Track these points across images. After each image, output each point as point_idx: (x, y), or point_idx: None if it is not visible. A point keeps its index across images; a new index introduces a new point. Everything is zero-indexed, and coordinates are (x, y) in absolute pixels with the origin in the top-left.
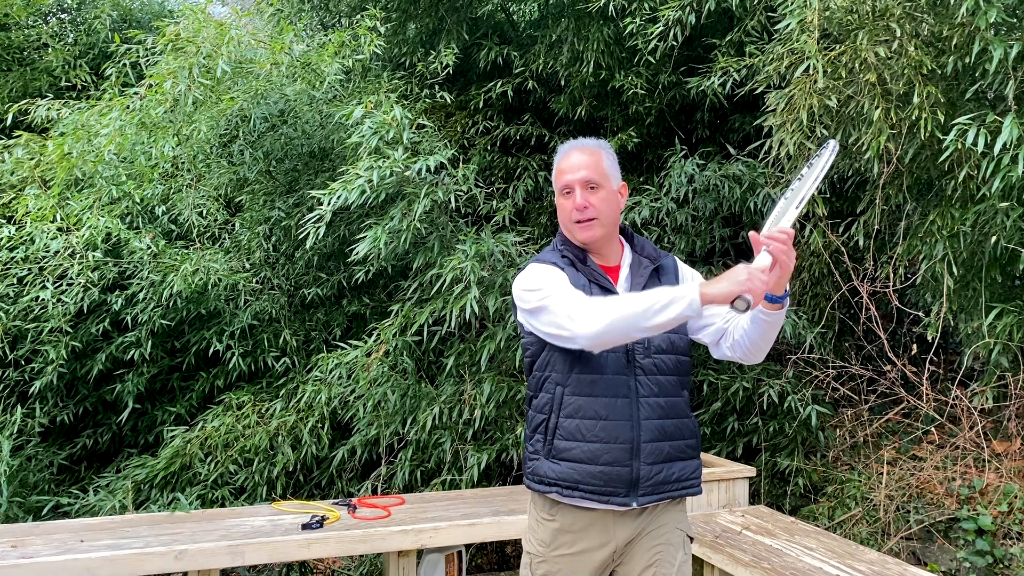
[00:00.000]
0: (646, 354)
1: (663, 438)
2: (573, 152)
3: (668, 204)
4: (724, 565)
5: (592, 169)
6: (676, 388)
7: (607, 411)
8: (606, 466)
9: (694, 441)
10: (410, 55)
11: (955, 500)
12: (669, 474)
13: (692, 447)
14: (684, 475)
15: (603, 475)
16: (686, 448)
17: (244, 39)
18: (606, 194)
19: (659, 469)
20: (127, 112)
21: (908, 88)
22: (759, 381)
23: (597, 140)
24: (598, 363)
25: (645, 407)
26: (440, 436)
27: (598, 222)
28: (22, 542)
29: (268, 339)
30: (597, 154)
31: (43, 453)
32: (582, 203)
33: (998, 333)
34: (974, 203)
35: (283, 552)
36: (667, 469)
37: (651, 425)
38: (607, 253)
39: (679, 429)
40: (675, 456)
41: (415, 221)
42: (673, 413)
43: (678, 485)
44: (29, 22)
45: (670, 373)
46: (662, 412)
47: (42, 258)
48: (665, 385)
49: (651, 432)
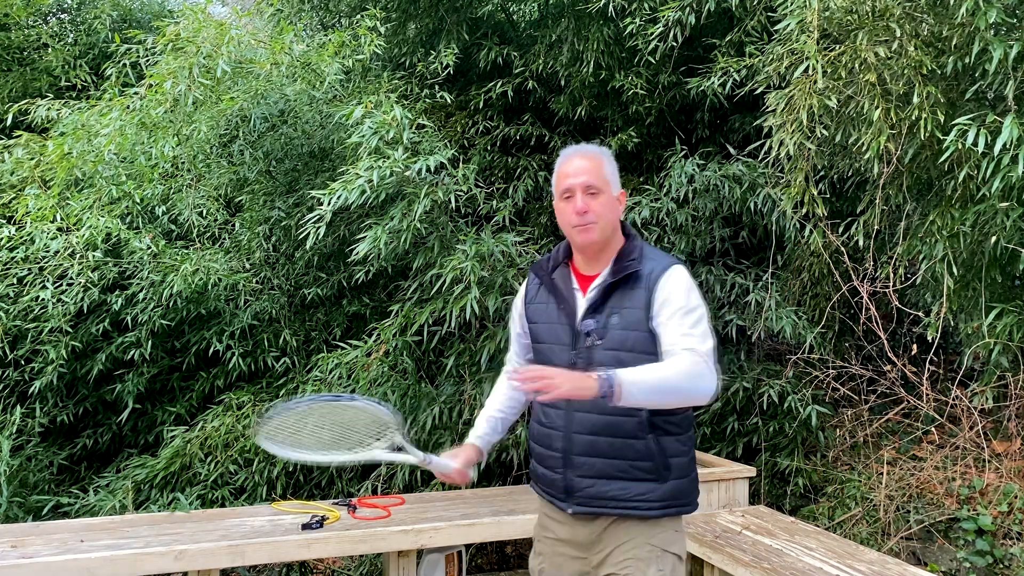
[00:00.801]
0: (586, 369)
1: (595, 454)
2: (575, 157)
3: (668, 204)
4: (724, 565)
5: (593, 174)
6: (619, 408)
7: (547, 419)
8: (547, 470)
9: (649, 464)
10: (410, 55)
11: (955, 500)
12: (604, 491)
13: (645, 470)
14: (625, 496)
15: (545, 477)
16: (631, 469)
17: (244, 39)
18: (606, 199)
19: (590, 483)
20: (127, 112)
21: (908, 88)
22: (759, 381)
23: (599, 147)
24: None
25: (577, 421)
26: (440, 436)
27: (597, 226)
28: (22, 542)
29: (268, 339)
30: (598, 160)
31: (43, 453)
32: (582, 207)
33: (998, 333)
34: (974, 203)
35: (283, 552)
36: (601, 485)
37: (582, 440)
38: (600, 260)
39: (619, 449)
40: (612, 475)
41: (415, 221)
42: (611, 432)
43: (616, 504)
44: (29, 22)
45: None
46: (595, 429)
47: (42, 258)
48: (604, 404)
49: (582, 446)
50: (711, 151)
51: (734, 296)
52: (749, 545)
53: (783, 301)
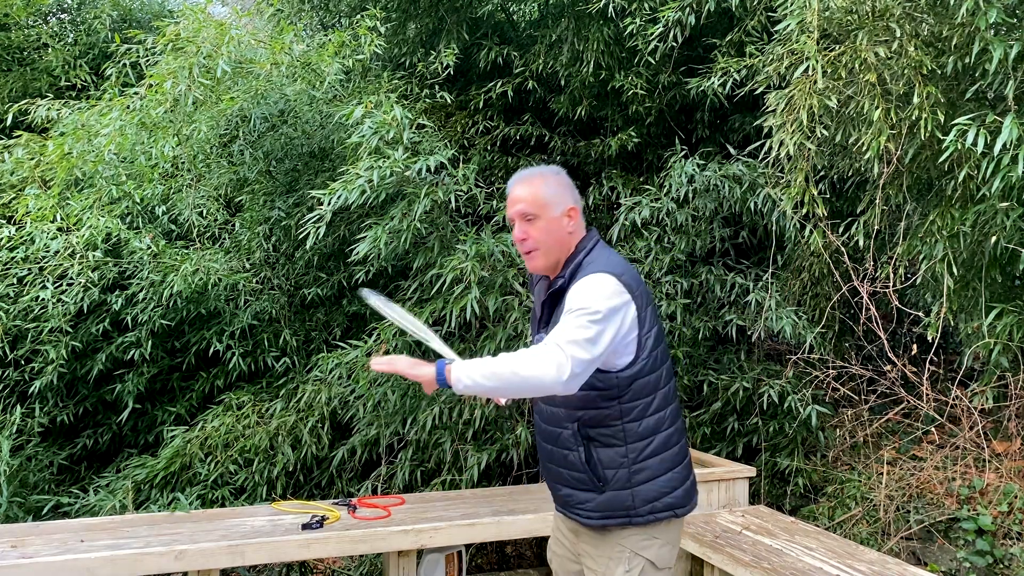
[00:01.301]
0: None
1: (551, 462)
2: (515, 186)
3: (668, 204)
4: (724, 565)
5: (528, 202)
6: (558, 419)
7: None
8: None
9: (579, 475)
10: (410, 55)
11: (955, 500)
12: (560, 495)
13: (581, 481)
14: (572, 502)
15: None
16: (569, 478)
17: (244, 39)
18: (544, 223)
19: (553, 487)
20: (127, 112)
21: (908, 88)
22: (759, 381)
23: (542, 168)
24: None
25: (541, 431)
26: (440, 436)
27: (539, 252)
28: (22, 542)
29: (268, 339)
30: (535, 184)
31: (43, 453)
32: (519, 235)
33: (998, 333)
34: (974, 203)
35: (283, 552)
36: (557, 490)
37: (543, 448)
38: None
39: (560, 458)
40: (562, 481)
41: (415, 221)
42: (553, 441)
43: (569, 509)
44: (29, 22)
45: (554, 404)
46: (546, 438)
47: (42, 258)
48: (551, 415)
49: (544, 453)
50: (711, 151)
51: (734, 296)
52: (749, 545)
53: (783, 301)
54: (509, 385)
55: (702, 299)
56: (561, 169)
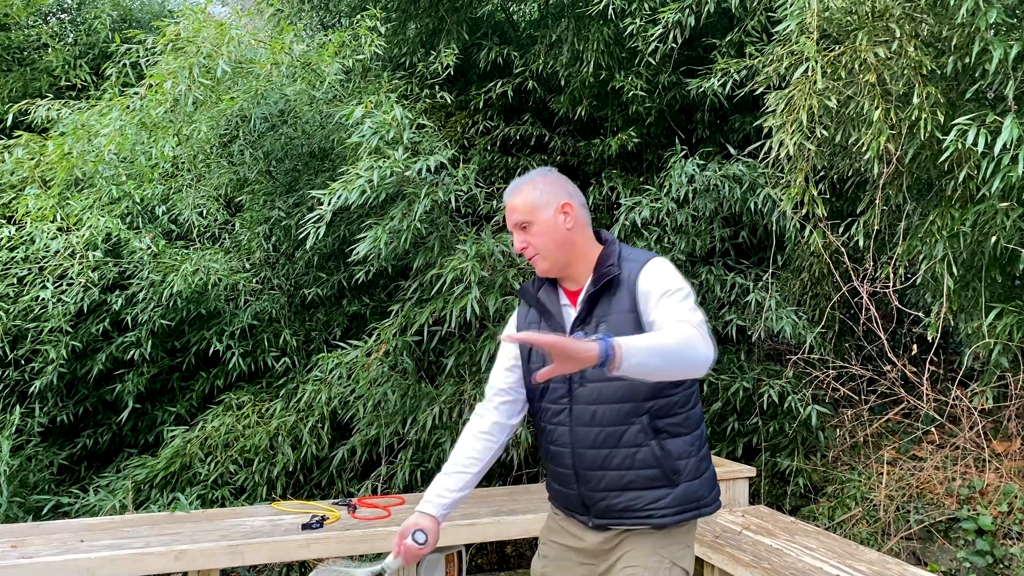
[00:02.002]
0: (581, 383)
1: (603, 467)
2: (508, 199)
3: (668, 204)
4: (724, 565)
5: (520, 210)
6: (621, 416)
7: (552, 437)
8: (560, 486)
9: (656, 472)
10: (410, 55)
11: (955, 500)
12: (615, 503)
13: (652, 477)
14: (637, 505)
15: (561, 495)
16: (638, 479)
17: (244, 39)
18: (539, 227)
19: (602, 496)
20: (127, 112)
21: (908, 88)
22: (759, 381)
23: (531, 173)
24: (546, 392)
25: (580, 435)
26: (440, 436)
27: (540, 256)
28: (22, 542)
29: (268, 339)
30: (524, 191)
31: (43, 453)
32: (519, 246)
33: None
34: (974, 203)
35: (283, 552)
36: (612, 498)
37: (587, 454)
38: (575, 275)
39: (623, 459)
40: (620, 486)
41: (415, 221)
42: (615, 443)
43: (630, 515)
44: (29, 22)
45: (614, 401)
46: (596, 442)
47: (42, 258)
48: (604, 414)
49: (587, 461)
50: (711, 151)
51: (734, 296)
52: (749, 545)
53: (783, 301)
54: (672, 362)
55: (702, 299)
56: (551, 168)
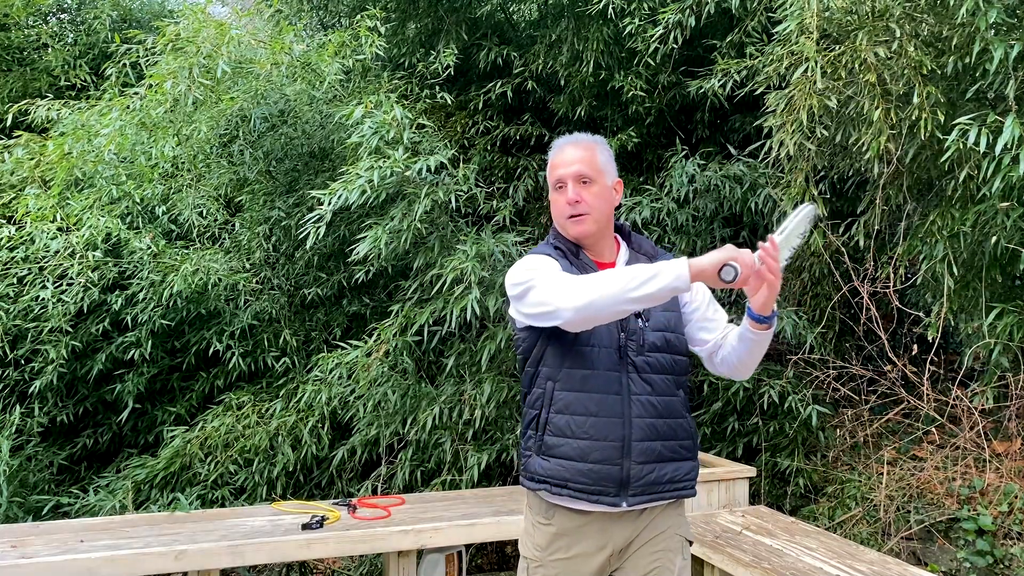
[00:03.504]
0: (639, 352)
1: (655, 437)
2: (567, 147)
3: (669, 204)
4: (724, 565)
5: (586, 163)
6: (671, 387)
7: (598, 407)
8: (596, 464)
9: (690, 442)
10: (409, 55)
11: (955, 500)
12: (661, 475)
13: (687, 448)
14: (677, 476)
15: (592, 473)
16: (680, 449)
17: (244, 39)
18: (599, 189)
19: (650, 469)
20: (127, 112)
21: (908, 88)
22: (759, 381)
23: (592, 135)
24: (590, 359)
25: (637, 405)
26: (440, 436)
27: (590, 217)
28: (22, 542)
29: (268, 339)
30: (591, 148)
31: (43, 453)
32: (574, 197)
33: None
34: (974, 203)
35: (283, 552)
36: (659, 470)
37: (643, 423)
38: (601, 249)
39: (673, 429)
40: (667, 457)
41: (415, 221)
42: (667, 412)
43: (671, 487)
44: (29, 22)
45: (664, 372)
46: (654, 411)
47: (42, 258)
48: (659, 383)
49: (642, 431)
50: (711, 151)
51: (735, 296)
52: (749, 545)
53: (784, 301)
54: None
55: None
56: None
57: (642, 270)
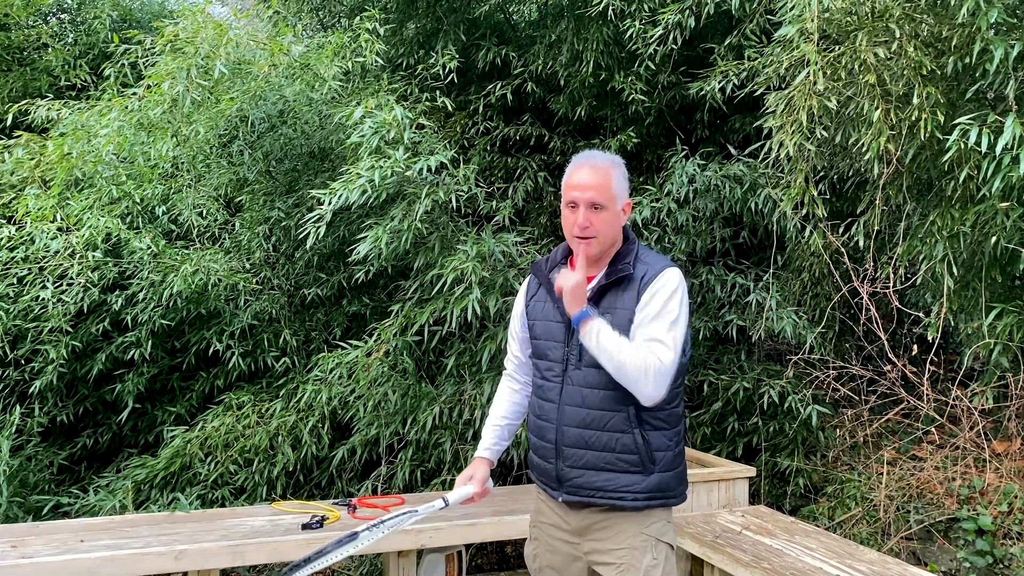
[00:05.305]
0: (577, 366)
1: (583, 447)
2: (585, 167)
3: (669, 204)
4: (724, 565)
5: (600, 191)
6: (608, 402)
7: (540, 411)
8: (540, 459)
9: (635, 457)
10: (408, 56)
11: (955, 500)
12: (591, 481)
13: (631, 463)
14: (610, 487)
15: (537, 466)
16: (617, 461)
17: (243, 40)
18: (609, 216)
19: (579, 474)
20: (126, 112)
21: (908, 89)
22: (759, 381)
23: (611, 157)
24: (541, 369)
25: (568, 413)
26: (440, 436)
27: (596, 240)
28: (22, 542)
29: (268, 339)
30: (608, 174)
31: (43, 453)
32: (584, 223)
33: (998, 333)
34: (974, 203)
35: (283, 552)
36: (588, 476)
37: (571, 432)
38: (598, 264)
39: (606, 442)
40: (599, 466)
41: (416, 221)
42: (599, 425)
43: (602, 495)
44: (29, 22)
45: (600, 388)
46: (583, 422)
47: (42, 258)
48: (591, 398)
49: (571, 438)
50: (711, 151)
51: (735, 296)
52: (749, 545)
53: (783, 301)
54: (618, 375)
55: (702, 299)
56: (623, 161)
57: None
